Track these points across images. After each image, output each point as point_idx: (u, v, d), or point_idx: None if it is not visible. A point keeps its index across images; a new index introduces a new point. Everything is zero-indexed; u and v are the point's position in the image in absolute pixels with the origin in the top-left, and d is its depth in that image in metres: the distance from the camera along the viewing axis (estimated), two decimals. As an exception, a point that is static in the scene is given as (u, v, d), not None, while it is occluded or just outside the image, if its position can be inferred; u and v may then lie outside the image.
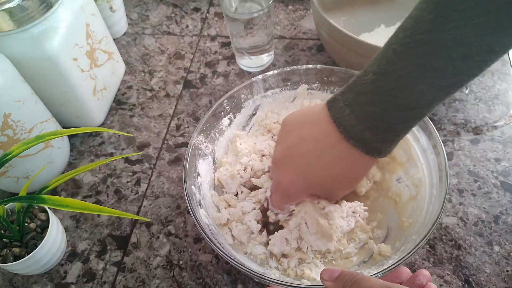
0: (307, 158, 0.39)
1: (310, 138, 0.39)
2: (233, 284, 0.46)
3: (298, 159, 0.40)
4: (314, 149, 0.39)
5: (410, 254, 0.37)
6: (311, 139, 0.39)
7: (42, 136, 0.42)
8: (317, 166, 0.39)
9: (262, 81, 0.53)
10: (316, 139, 0.38)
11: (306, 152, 0.39)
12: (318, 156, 0.39)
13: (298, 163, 0.40)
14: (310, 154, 0.39)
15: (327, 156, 0.38)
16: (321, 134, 0.38)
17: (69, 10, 0.52)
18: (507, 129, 0.57)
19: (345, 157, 0.37)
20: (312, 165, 0.39)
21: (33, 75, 0.51)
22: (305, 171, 0.40)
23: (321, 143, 0.38)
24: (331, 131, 0.37)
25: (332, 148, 0.38)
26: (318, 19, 0.60)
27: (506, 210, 0.49)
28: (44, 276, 0.49)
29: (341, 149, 0.37)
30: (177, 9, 0.81)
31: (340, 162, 0.38)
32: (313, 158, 0.39)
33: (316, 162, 0.39)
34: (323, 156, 0.38)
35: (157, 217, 0.53)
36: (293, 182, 0.41)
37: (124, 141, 0.62)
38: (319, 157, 0.39)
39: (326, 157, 0.38)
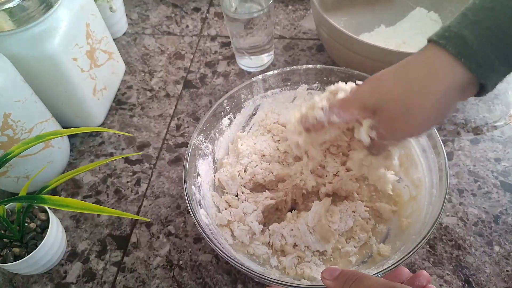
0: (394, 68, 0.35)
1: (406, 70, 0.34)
2: (233, 284, 0.46)
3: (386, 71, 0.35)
4: (403, 62, 0.34)
5: (410, 254, 0.37)
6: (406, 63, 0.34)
7: (42, 136, 0.42)
8: (402, 70, 0.34)
9: (262, 81, 0.53)
10: (407, 59, 0.34)
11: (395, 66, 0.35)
12: (405, 64, 0.34)
13: (383, 73, 0.35)
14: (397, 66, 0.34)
15: (414, 62, 0.33)
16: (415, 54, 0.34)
17: (69, 10, 0.52)
18: (507, 129, 0.57)
19: (425, 63, 0.32)
20: (398, 70, 0.34)
21: (33, 75, 0.51)
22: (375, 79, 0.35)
23: (412, 56, 0.34)
24: (426, 46, 0.32)
25: (421, 55, 0.33)
26: (318, 19, 0.60)
27: (506, 210, 0.49)
28: (44, 276, 0.49)
29: (426, 54, 0.32)
30: (177, 9, 0.81)
31: (425, 66, 0.32)
32: (400, 66, 0.34)
33: (402, 67, 0.34)
34: (409, 63, 0.33)
35: (157, 217, 0.53)
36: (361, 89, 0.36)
37: (124, 141, 0.62)
38: (406, 65, 0.34)
39: (413, 63, 0.33)
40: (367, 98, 0.35)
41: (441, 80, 0.31)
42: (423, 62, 0.32)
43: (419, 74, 0.32)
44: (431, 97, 0.32)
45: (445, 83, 0.31)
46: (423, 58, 0.32)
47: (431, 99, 0.32)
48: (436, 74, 0.31)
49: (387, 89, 0.34)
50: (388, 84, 0.34)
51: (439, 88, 0.31)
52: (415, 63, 0.33)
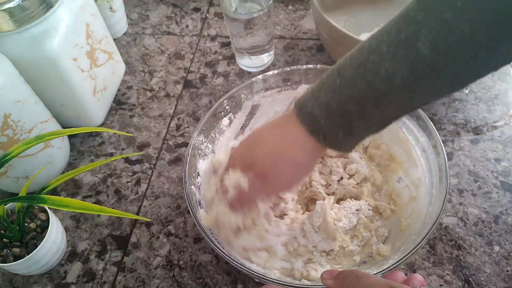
0: (258, 133, 0.40)
1: (270, 122, 0.40)
2: (233, 284, 0.46)
3: (252, 135, 0.41)
4: (267, 126, 0.40)
5: (410, 254, 0.37)
6: (270, 122, 0.40)
7: (42, 136, 0.42)
8: (261, 137, 0.39)
9: (262, 81, 0.53)
10: (274, 121, 0.40)
11: (260, 129, 0.40)
12: (267, 129, 0.39)
13: (250, 138, 0.41)
14: (261, 130, 0.40)
15: (273, 129, 0.38)
16: (279, 118, 0.40)
17: (69, 10, 0.52)
18: (507, 129, 0.57)
19: (289, 133, 0.37)
20: (258, 137, 0.40)
21: (33, 75, 0.51)
22: (250, 142, 0.40)
23: (276, 121, 0.39)
24: (287, 113, 0.38)
25: (281, 123, 0.38)
26: (318, 19, 0.60)
27: (506, 210, 0.49)
28: (44, 276, 0.49)
29: (290, 125, 0.36)
30: (177, 9, 0.81)
31: (283, 136, 0.37)
32: (262, 132, 0.40)
33: (262, 134, 0.39)
34: (270, 129, 0.39)
35: (157, 217, 0.53)
36: (237, 152, 0.41)
37: (124, 141, 0.62)
38: (266, 130, 0.39)
39: (271, 130, 0.39)
40: (245, 157, 0.40)
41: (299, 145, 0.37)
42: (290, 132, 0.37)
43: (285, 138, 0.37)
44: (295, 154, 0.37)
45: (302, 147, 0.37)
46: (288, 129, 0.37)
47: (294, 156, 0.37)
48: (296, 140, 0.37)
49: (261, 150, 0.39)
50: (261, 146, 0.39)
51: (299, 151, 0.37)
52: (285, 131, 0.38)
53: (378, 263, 0.42)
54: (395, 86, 0.30)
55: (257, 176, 0.38)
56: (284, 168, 0.37)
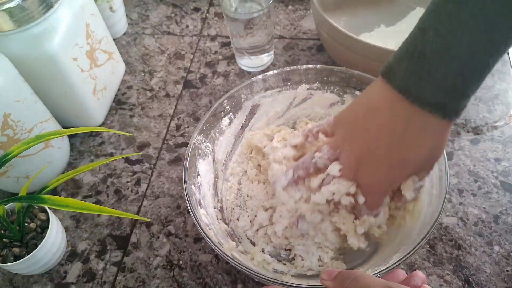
0: (385, 148, 0.36)
1: (380, 126, 0.36)
2: (233, 284, 0.46)
3: (377, 154, 0.37)
4: (389, 135, 0.35)
5: (410, 254, 0.37)
6: (381, 127, 0.36)
7: (42, 136, 0.42)
8: (399, 150, 0.36)
9: (262, 81, 0.53)
10: (386, 124, 0.35)
11: (382, 142, 0.36)
12: (400, 141, 0.35)
13: (379, 157, 0.37)
14: (386, 143, 0.36)
15: (408, 136, 0.35)
16: (391, 115, 0.35)
17: (69, 10, 0.52)
18: (507, 129, 0.57)
19: (424, 128, 0.34)
20: (394, 152, 0.36)
21: (33, 75, 0.51)
22: (389, 160, 0.36)
23: (394, 124, 0.35)
24: (401, 106, 0.34)
25: (409, 124, 0.34)
26: (318, 19, 0.60)
27: (506, 210, 0.49)
28: (44, 276, 0.49)
29: (418, 120, 0.34)
30: (177, 9, 0.81)
31: (421, 135, 0.34)
32: (398, 146, 0.35)
33: (397, 147, 0.35)
34: (405, 139, 0.35)
35: (157, 217, 0.53)
36: (389, 177, 0.38)
37: (124, 141, 0.62)
38: (401, 142, 0.35)
39: (408, 138, 0.35)
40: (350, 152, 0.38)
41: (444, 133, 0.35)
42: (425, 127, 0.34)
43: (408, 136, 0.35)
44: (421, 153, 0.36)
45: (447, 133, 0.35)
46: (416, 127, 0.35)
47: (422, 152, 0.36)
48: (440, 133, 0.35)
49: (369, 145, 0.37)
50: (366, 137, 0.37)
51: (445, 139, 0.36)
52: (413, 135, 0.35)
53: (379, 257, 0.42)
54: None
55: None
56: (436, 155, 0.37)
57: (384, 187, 0.39)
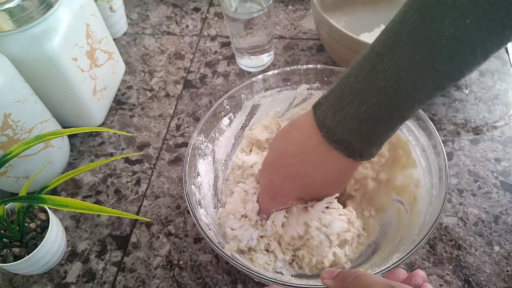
0: (293, 162, 0.40)
1: (296, 143, 0.39)
2: (233, 284, 0.46)
3: (285, 163, 0.41)
4: (299, 153, 0.39)
5: (410, 254, 0.37)
6: (297, 144, 0.39)
7: (42, 136, 0.42)
8: (302, 170, 0.39)
9: (262, 81, 0.53)
10: (301, 144, 0.39)
11: (293, 156, 0.40)
12: (303, 160, 0.39)
13: (285, 167, 0.41)
14: (295, 158, 0.39)
15: (310, 160, 0.38)
16: (306, 138, 0.38)
17: (69, 10, 0.52)
18: (507, 129, 0.57)
19: (327, 161, 0.37)
20: (298, 169, 0.40)
21: (33, 75, 0.51)
22: (291, 175, 0.40)
23: (306, 147, 0.38)
24: (315, 134, 0.37)
25: (316, 152, 0.38)
26: (318, 19, 0.60)
27: (506, 210, 0.49)
28: (44, 276, 0.49)
29: (324, 152, 0.37)
30: (177, 9, 0.81)
31: (324, 165, 0.38)
32: (299, 163, 0.39)
33: (301, 166, 0.39)
34: (307, 161, 0.39)
35: (157, 217, 0.53)
36: (280, 186, 0.42)
37: (124, 141, 0.62)
38: (303, 162, 0.39)
39: (309, 162, 0.38)
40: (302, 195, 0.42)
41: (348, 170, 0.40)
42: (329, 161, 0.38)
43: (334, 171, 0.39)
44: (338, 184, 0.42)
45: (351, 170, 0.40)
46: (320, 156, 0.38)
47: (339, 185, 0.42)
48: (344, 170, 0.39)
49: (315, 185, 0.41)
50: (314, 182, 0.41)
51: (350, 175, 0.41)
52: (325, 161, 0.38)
53: (378, 259, 0.42)
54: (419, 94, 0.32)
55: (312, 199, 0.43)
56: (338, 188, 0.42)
57: (271, 197, 0.43)
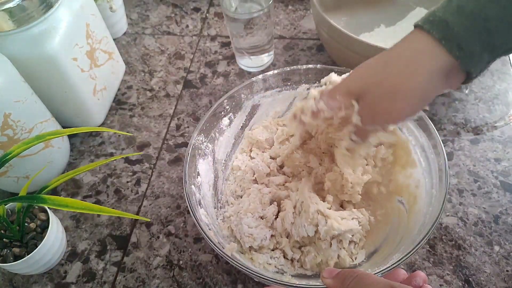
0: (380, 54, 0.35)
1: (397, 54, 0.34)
2: (233, 284, 0.46)
3: (372, 58, 0.36)
4: (389, 49, 0.34)
5: (410, 254, 0.37)
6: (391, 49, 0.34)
7: (42, 136, 0.42)
8: (386, 55, 0.34)
9: (262, 81, 0.53)
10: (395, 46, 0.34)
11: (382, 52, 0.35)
12: (390, 49, 0.34)
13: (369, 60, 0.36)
14: (384, 52, 0.35)
15: (398, 47, 0.33)
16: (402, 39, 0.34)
17: (69, 10, 0.52)
18: (507, 129, 0.57)
19: (413, 44, 0.32)
20: (383, 55, 0.34)
21: (33, 75, 0.51)
22: (373, 62, 0.35)
23: (399, 42, 0.34)
24: (412, 31, 0.33)
25: (405, 40, 0.33)
26: (318, 19, 0.60)
27: (506, 210, 0.49)
28: (44, 276, 0.49)
29: (413, 37, 0.32)
30: (177, 9, 0.81)
31: (408, 50, 0.32)
32: (386, 52, 0.34)
33: (387, 53, 0.34)
34: (394, 48, 0.34)
35: (157, 217, 0.53)
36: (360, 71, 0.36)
37: (124, 141, 0.62)
38: (390, 50, 0.34)
39: (397, 48, 0.33)
40: (352, 84, 0.36)
41: (424, 63, 0.31)
42: (407, 46, 0.33)
43: (403, 57, 0.33)
44: (414, 79, 0.32)
45: (428, 66, 0.31)
46: (407, 42, 0.33)
47: (414, 82, 0.32)
48: (419, 57, 0.32)
49: (371, 73, 0.35)
50: (372, 68, 0.35)
51: (422, 71, 0.32)
52: (400, 47, 0.33)
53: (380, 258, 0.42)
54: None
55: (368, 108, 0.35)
56: (402, 103, 0.33)
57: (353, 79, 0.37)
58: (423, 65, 0.31)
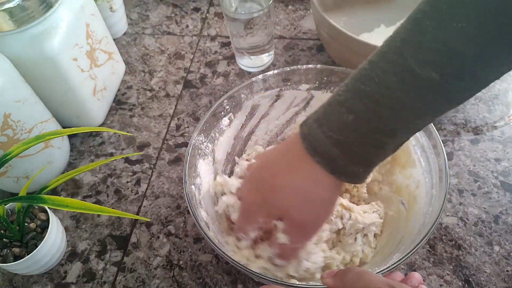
0: (270, 174, 0.38)
1: (279, 157, 0.38)
2: (233, 284, 0.46)
3: (263, 176, 0.38)
4: (279, 166, 0.37)
5: (410, 254, 0.37)
6: (280, 157, 0.38)
7: (42, 136, 0.42)
8: (278, 182, 0.37)
9: (262, 81, 0.53)
10: (283, 157, 0.37)
11: (272, 169, 0.38)
12: (282, 172, 0.37)
13: (262, 180, 0.38)
14: (273, 171, 0.37)
15: (290, 173, 0.36)
16: (289, 152, 0.37)
17: (69, 10, 0.52)
18: (507, 129, 0.57)
19: (308, 175, 0.35)
20: (274, 182, 0.37)
21: (33, 75, 0.51)
22: (267, 188, 0.38)
23: (287, 159, 0.37)
24: (298, 148, 0.35)
25: (297, 166, 0.36)
26: (318, 19, 0.60)
27: (506, 210, 0.49)
28: (44, 276, 0.49)
29: (306, 166, 0.35)
30: (177, 9, 0.81)
31: (303, 180, 0.36)
32: (276, 175, 0.37)
33: (278, 178, 0.37)
34: (286, 173, 0.36)
35: (157, 217, 0.53)
36: (254, 200, 0.39)
37: (124, 141, 0.62)
38: (282, 173, 0.37)
39: (288, 174, 0.36)
40: (270, 208, 0.38)
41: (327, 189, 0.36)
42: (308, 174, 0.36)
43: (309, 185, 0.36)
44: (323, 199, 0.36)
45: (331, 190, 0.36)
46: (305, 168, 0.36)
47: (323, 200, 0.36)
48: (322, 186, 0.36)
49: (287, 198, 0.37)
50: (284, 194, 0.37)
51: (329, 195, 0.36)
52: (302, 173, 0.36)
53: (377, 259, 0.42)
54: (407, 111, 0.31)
55: (295, 226, 0.37)
56: (317, 209, 0.37)
57: (249, 211, 0.40)
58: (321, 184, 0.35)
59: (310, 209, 0.36)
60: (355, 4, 0.69)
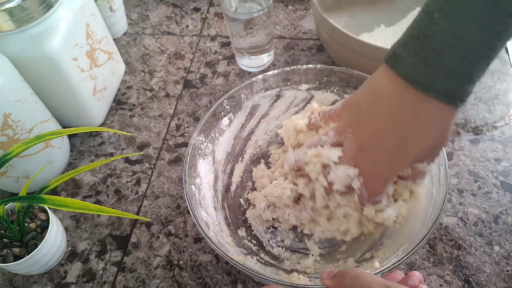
0: (389, 135, 0.35)
1: (385, 113, 0.35)
2: (233, 284, 0.46)
3: (380, 141, 0.36)
4: (394, 122, 0.34)
5: (410, 254, 0.37)
6: (386, 113, 0.35)
7: (42, 136, 0.42)
8: (403, 138, 0.34)
9: (262, 81, 0.53)
10: (391, 111, 0.34)
11: (386, 129, 0.35)
12: (401, 127, 0.34)
13: (383, 144, 0.36)
14: (391, 129, 0.35)
15: (410, 123, 0.34)
16: (395, 103, 0.34)
17: (69, 10, 0.52)
18: (507, 129, 0.57)
19: (429, 115, 0.33)
20: (398, 139, 0.35)
21: (33, 75, 0.51)
22: (393, 147, 0.35)
23: (398, 111, 0.34)
24: (405, 92, 0.33)
25: (413, 111, 0.33)
26: (318, 19, 0.60)
27: (506, 210, 0.49)
28: (44, 276, 0.49)
29: (423, 107, 0.33)
30: (177, 9, 0.81)
31: (426, 122, 0.33)
32: (397, 132, 0.35)
33: (401, 134, 0.34)
34: (406, 126, 0.34)
35: (157, 217, 0.53)
36: (386, 164, 0.36)
37: (124, 141, 0.62)
38: (402, 128, 0.34)
39: (409, 125, 0.34)
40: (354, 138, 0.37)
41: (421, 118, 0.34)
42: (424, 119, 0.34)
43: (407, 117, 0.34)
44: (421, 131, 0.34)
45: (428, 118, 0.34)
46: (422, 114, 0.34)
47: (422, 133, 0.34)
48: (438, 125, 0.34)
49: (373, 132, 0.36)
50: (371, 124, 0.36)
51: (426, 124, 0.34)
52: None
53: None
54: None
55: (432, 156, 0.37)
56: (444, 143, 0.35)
57: (387, 174, 0.37)
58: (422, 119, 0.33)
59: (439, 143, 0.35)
60: (355, 4, 0.69)
